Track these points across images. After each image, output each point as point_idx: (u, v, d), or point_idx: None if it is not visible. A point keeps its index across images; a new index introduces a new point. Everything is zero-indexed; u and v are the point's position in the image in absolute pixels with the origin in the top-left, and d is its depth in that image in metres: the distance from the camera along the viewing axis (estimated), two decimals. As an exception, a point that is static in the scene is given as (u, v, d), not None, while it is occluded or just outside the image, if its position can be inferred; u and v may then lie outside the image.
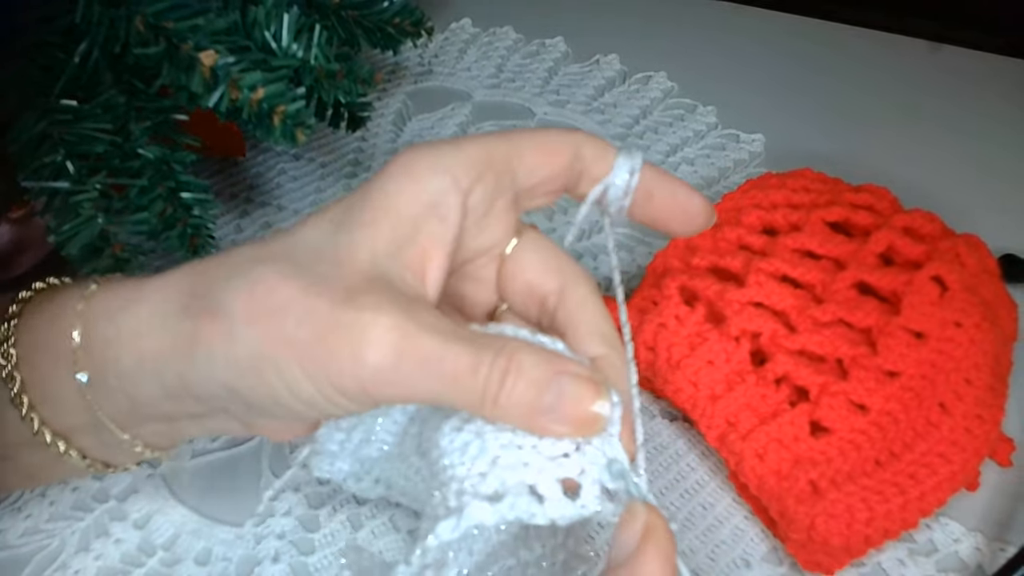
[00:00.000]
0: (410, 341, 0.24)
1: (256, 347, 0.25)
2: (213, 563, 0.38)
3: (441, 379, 0.24)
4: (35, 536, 0.38)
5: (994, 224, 0.45)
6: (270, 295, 0.25)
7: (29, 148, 0.38)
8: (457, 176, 0.27)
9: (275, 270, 0.25)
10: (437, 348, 0.24)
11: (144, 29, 0.37)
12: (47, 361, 0.29)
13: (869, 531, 0.35)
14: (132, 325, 0.27)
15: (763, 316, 0.39)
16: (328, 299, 0.25)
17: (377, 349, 0.24)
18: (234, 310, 0.25)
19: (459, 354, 0.24)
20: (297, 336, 0.25)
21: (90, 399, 0.28)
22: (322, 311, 0.24)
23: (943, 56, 0.62)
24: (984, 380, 0.37)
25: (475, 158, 0.27)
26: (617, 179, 0.29)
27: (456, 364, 0.24)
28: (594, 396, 0.24)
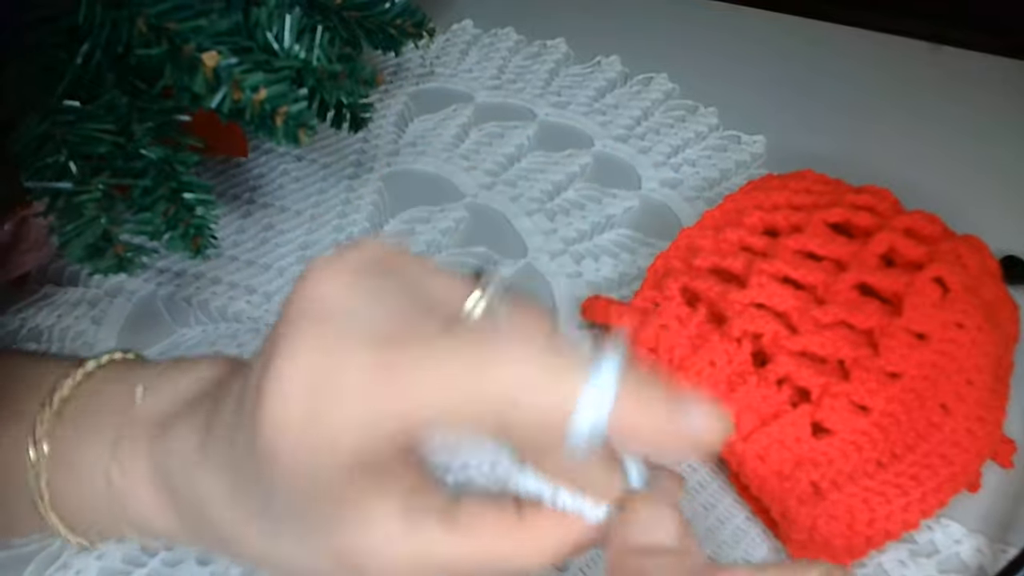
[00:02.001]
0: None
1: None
2: (215, 563, 0.38)
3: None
4: (36, 536, 0.38)
5: (995, 225, 0.45)
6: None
7: (32, 149, 0.38)
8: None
9: (260, 545, 0.25)
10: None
11: (146, 30, 0.37)
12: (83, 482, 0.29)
13: (871, 532, 0.35)
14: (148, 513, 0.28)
15: (765, 317, 0.39)
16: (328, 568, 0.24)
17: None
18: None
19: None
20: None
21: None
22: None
23: (944, 57, 0.62)
24: (986, 381, 0.37)
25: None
26: (578, 432, 0.21)
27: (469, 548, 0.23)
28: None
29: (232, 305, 0.49)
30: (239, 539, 0.25)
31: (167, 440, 0.27)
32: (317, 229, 0.53)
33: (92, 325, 0.48)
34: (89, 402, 0.30)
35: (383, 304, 0.22)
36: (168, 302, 0.49)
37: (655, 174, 0.55)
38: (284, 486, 0.22)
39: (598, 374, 0.21)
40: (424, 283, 0.23)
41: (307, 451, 0.21)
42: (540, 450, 0.23)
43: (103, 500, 0.28)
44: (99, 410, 0.29)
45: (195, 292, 0.49)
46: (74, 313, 0.48)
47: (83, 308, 0.49)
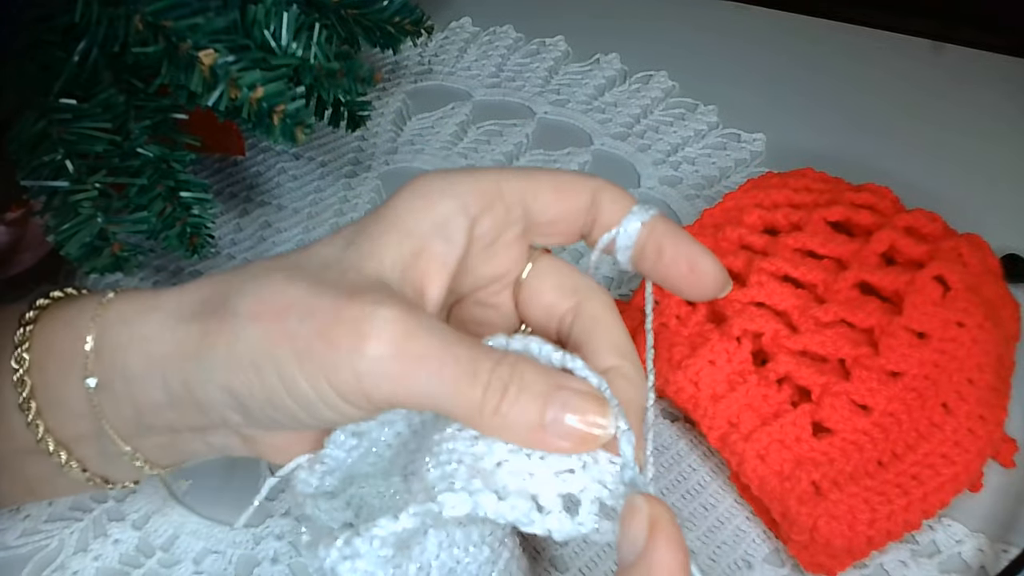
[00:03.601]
0: (410, 337, 0.24)
1: (257, 344, 0.25)
2: (212, 564, 0.37)
3: (440, 381, 0.24)
4: (34, 537, 0.38)
5: (996, 224, 0.45)
6: (276, 296, 0.25)
7: (28, 147, 0.38)
8: (467, 202, 0.28)
9: (284, 275, 0.26)
10: (437, 347, 0.24)
11: (143, 28, 0.37)
12: (58, 366, 0.29)
13: (871, 532, 0.35)
14: (144, 330, 0.28)
15: (765, 316, 0.39)
16: (332, 296, 0.25)
17: (376, 341, 0.24)
18: (240, 310, 0.26)
19: (459, 357, 0.24)
20: (298, 331, 0.25)
21: (96, 406, 0.28)
22: (324, 306, 0.25)
23: (945, 55, 0.62)
24: (987, 380, 0.37)
25: (486, 188, 0.28)
26: (625, 231, 0.29)
27: (455, 368, 0.24)
28: (597, 412, 0.24)
29: (230, 304, 0.49)
30: (251, 290, 0.26)
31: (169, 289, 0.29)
32: (315, 228, 0.53)
33: (89, 324, 0.47)
34: (52, 324, 0.30)
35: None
36: (165, 301, 0.49)
37: (654, 172, 0.55)
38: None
39: (645, 204, 0.29)
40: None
41: (425, 195, 0.28)
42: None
43: (88, 407, 0.28)
44: (75, 303, 0.30)
45: (192, 291, 0.49)
46: (71, 312, 0.48)
47: (80, 307, 0.48)
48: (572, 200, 0.29)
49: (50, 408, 0.29)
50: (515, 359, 0.25)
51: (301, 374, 0.25)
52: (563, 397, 0.24)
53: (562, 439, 0.24)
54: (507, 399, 0.24)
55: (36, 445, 0.29)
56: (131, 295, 0.29)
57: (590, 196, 0.29)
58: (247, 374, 0.25)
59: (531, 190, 0.29)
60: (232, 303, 0.26)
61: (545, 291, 0.30)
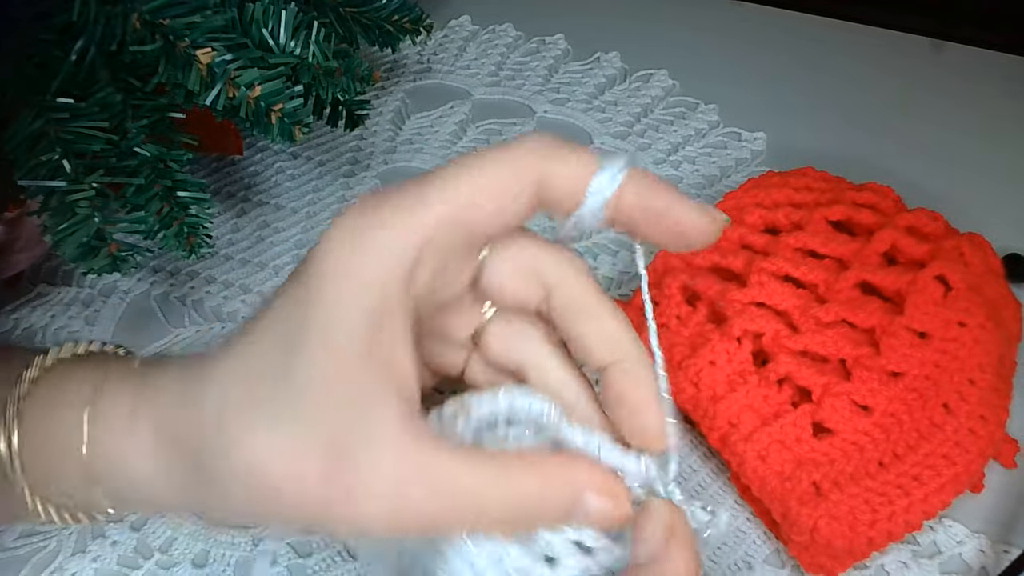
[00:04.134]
0: (405, 501, 0.23)
1: (251, 510, 0.25)
2: (210, 565, 0.37)
3: (446, 516, 0.24)
4: (32, 538, 0.38)
5: (998, 223, 0.45)
6: (261, 480, 0.23)
7: (25, 147, 0.38)
8: (393, 269, 0.24)
9: (259, 437, 0.24)
10: (438, 488, 0.23)
11: (140, 26, 0.37)
12: (57, 459, 0.28)
13: (872, 533, 0.34)
14: (136, 470, 0.26)
15: (765, 316, 0.39)
16: (316, 468, 0.23)
17: (371, 515, 0.23)
18: (229, 492, 0.24)
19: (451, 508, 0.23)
20: (293, 516, 0.24)
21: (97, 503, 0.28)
22: (312, 484, 0.23)
23: (946, 54, 0.62)
24: (988, 381, 0.37)
25: (410, 242, 0.24)
26: (589, 211, 0.25)
27: (449, 520, 0.24)
28: (615, 512, 0.24)
29: (227, 305, 0.48)
30: (231, 446, 0.23)
31: (153, 379, 0.27)
32: (313, 227, 0.52)
33: (86, 325, 0.47)
34: (62, 378, 0.29)
35: None
36: (162, 302, 0.49)
37: (655, 171, 0.54)
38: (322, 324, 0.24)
39: (611, 157, 0.25)
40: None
41: (350, 268, 0.24)
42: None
43: (78, 468, 0.27)
44: (72, 379, 0.28)
45: (190, 292, 0.49)
46: (68, 313, 0.48)
47: (77, 308, 0.48)
48: (516, 201, 0.25)
49: (45, 482, 0.28)
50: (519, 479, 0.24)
51: (307, 532, 0.26)
52: (585, 502, 0.24)
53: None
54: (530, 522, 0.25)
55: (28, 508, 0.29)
56: (110, 413, 0.27)
57: (534, 182, 0.25)
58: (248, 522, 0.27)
59: (464, 212, 0.24)
60: (218, 469, 0.24)
61: (507, 283, 0.27)
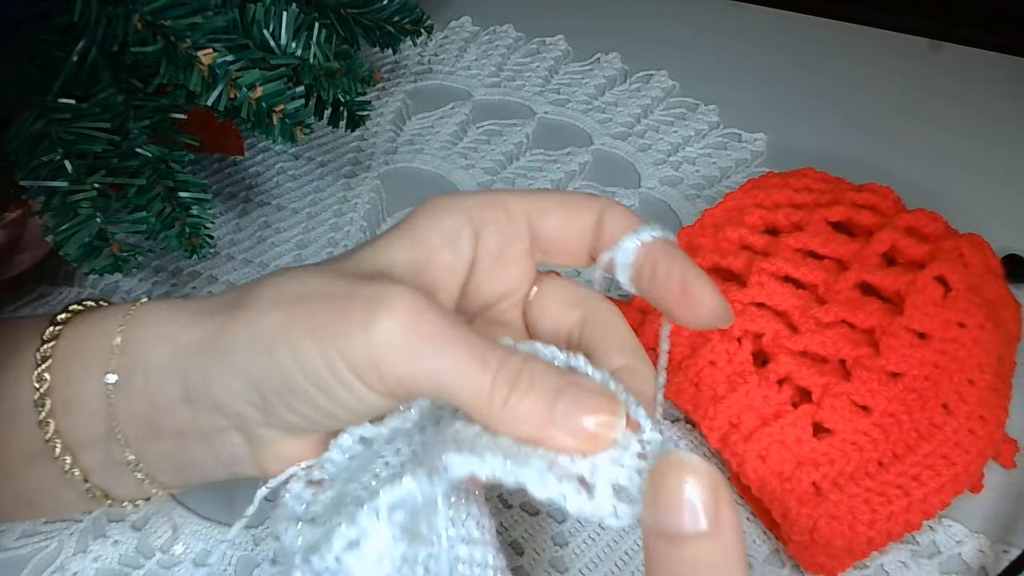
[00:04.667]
0: (421, 316, 0.25)
1: (274, 325, 0.26)
2: (212, 564, 0.37)
3: (449, 362, 0.24)
4: (33, 538, 0.38)
5: (997, 224, 0.45)
6: (296, 284, 0.27)
7: (27, 147, 0.38)
8: (472, 215, 0.29)
9: (306, 271, 0.28)
10: (448, 329, 0.25)
11: (142, 27, 0.37)
12: (81, 363, 0.29)
13: (872, 533, 0.34)
14: (170, 326, 0.29)
15: (765, 317, 0.39)
16: (349, 280, 0.26)
17: (388, 316, 0.24)
18: (262, 299, 0.27)
19: (470, 343, 0.24)
20: (314, 310, 0.26)
21: (112, 404, 0.29)
22: (341, 287, 0.26)
23: (946, 55, 0.62)
24: (987, 381, 0.37)
25: (491, 202, 0.30)
26: (624, 250, 0.28)
27: (466, 352, 0.24)
28: (607, 411, 0.24)
29: (229, 304, 0.48)
30: (263, 285, 0.27)
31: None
32: (314, 228, 0.53)
33: (88, 325, 0.47)
34: (82, 326, 0.30)
35: None
36: (165, 301, 0.49)
37: (655, 172, 0.55)
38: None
39: (649, 226, 0.28)
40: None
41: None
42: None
43: (103, 406, 0.29)
44: (98, 315, 0.31)
45: (191, 292, 0.49)
46: (70, 313, 0.48)
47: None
48: (576, 218, 0.29)
49: (64, 407, 0.29)
50: (526, 355, 0.25)
51: (315, 350, 0.25)
52: (574, 393, 0.24)
53: (570, 436, 0.24)
54: (517, 391, 0.24)
55: (43, 447, 0.29)
56: (163, 300, 0.30)
57: (595, 216, 0.29)
58: (263, 357, 0.26)
59: (536, 206, 0.30)
60: (254, 295, 0.27)
61: (551, 306, 0.31)
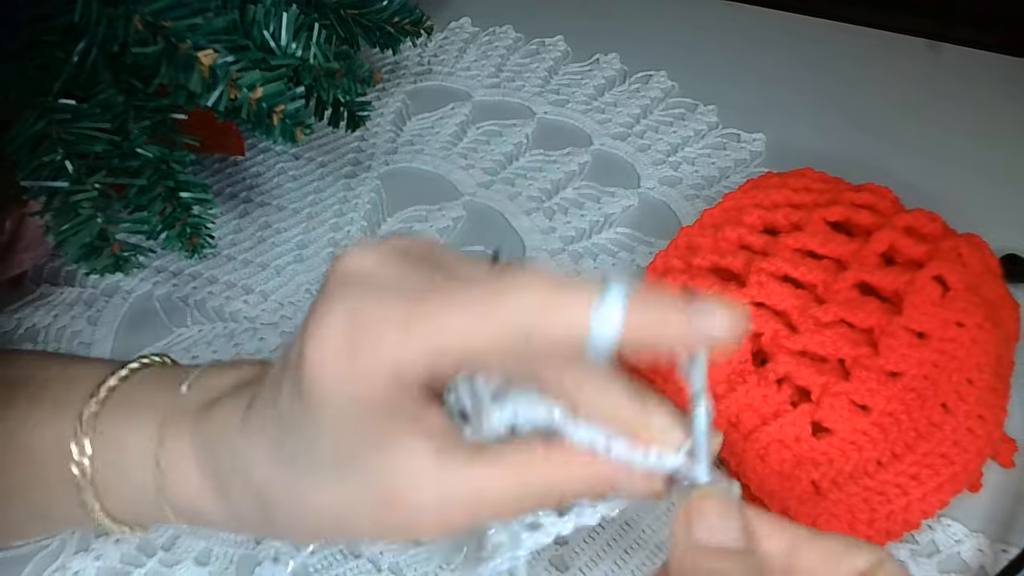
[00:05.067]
0: (448, 514, 0.25)
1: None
2: (213, 563, 0.37)
3: (481, 516, 0.25)
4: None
5: (996, 223, 0.45)
6: (317, 530, 0.28)
7: (28, 147, 0.38)
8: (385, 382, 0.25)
9: (309, 492, 0.26)
10: (471, 511, 0.25)
11: (143, 28, 0.37)
12: (123, 459, 0.29)
13: (871, 532, 0.35)
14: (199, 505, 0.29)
15: (764, 316, 0.39)
16: (368, 520, 0.26)
17: (423, 533, 0.26)
18: (286, 532, 0.28)
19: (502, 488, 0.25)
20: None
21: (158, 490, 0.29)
22: (366, 529, 0.26)
23: (944, 55, 0.62)
24: (986, 380, 0.37)
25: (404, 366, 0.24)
26: (595, 350, 0.22)
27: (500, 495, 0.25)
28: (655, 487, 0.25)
29: (229, 305, 0.49)
30: (280, 500, 0.26)
31: (211, 418, 0.28)
32: (314, 228, 0.53)
33: (88, 325, 0.47)
34: (135, 393, 0.31)
35: (411, 273, 0.24)
36: (165, 302, 0.49)
37: (654, 172, 0.55)
38: (327, 427, 0.24)
39: (608, 289, 0.22)
40: (448, 263, 0.25)
41: (346, 386, 0.23)
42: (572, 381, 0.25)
43: (149, 486, 0.29)
44: (144, 400, 0.30)
45: (192, 292, 0.49)
46: (70, 313, 0.48)
47: (80, 308, 0.48)
48: (503, 357, 0.23)
49: (107, 490, 0.30)
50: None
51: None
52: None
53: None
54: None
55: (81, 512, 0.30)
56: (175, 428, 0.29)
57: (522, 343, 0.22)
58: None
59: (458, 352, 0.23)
60: (275, 520, 0.27)
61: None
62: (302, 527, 0.27)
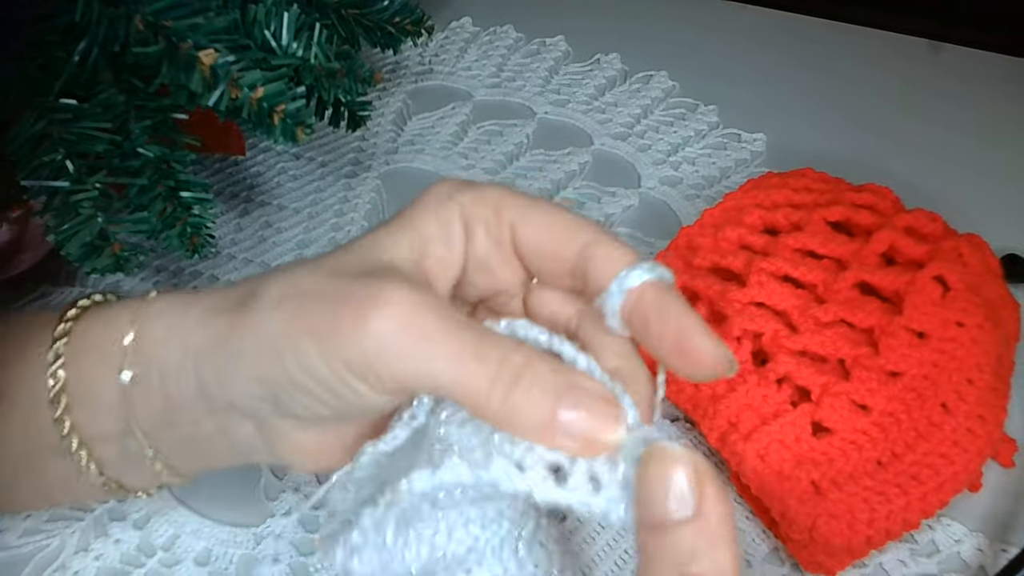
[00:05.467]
0: (415, 316, 0.24)
1: (278, 329, 0.26)
2: (213, 563, 0.37)
3: (446, 362, 0.24)
4: (35, 536, 0.38)
5: (996, 224, 0.45)
6: (299, 283, 0.27)
7: (28, 147, 0.38)
8: (464, 211, 0.28)
9: (307, 267, 0.27)
10: (442, 328, 0.24)
11: (143, 28, 0.37)
12: (94, 361, 0.29)
13: (871, 532, 0.35)
14: (181, 324, 0.28)
15: (765, 316, 0.39)
16: (347, 278, 0.26)
17: (381, 317, 0.24)
18: (265, 300, 0.27)
19: (465, 341, 0.24)
20: (313, 311, 0.25)
21: (127, 400, 0.29)
22: (338, 286, 0.26)
23: (945, 55, 0.62)
24: (986, 380, 0.37)
25: (484, 199, 0.28)
26: (611, 297, 0.26)
27: (462, 351, 0.24)
28: (613, 420, 0.24)
29: (230, 304, 0.48)
30: (267, 282, 0.27)
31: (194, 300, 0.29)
32: (315, 228, 0.53)
33: (89, 324, 0.47)
34: (93, 323, 0.30)
35: None
36: (166, 301, 0.49)
37: (655, 172, 0.55)
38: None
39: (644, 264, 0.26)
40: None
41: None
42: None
43: (118, 403, 0.29)
44: (108, 312, 0.31)
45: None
46: (71, 312, 0.48)
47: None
48: (558, 240, 0.28)
49: (79, 403, 0.29)
50: (527, 351, 0.24)
51: (318, 355, 0.25)
52: (576, 396, 0.24)
53: (570, 439, 0.23)
54: (518, 390, 0.23)
55: (59, 443, 0.30)
56: (172, 294, 0.30)
57: (580, 245, 0.27)
58: (271, 359, 0.26)
59: (524, 215, 0.28)
60: (259, 294, 0.27)
61: (551, 299, 0.30)
62: (275, 303, 0.27)
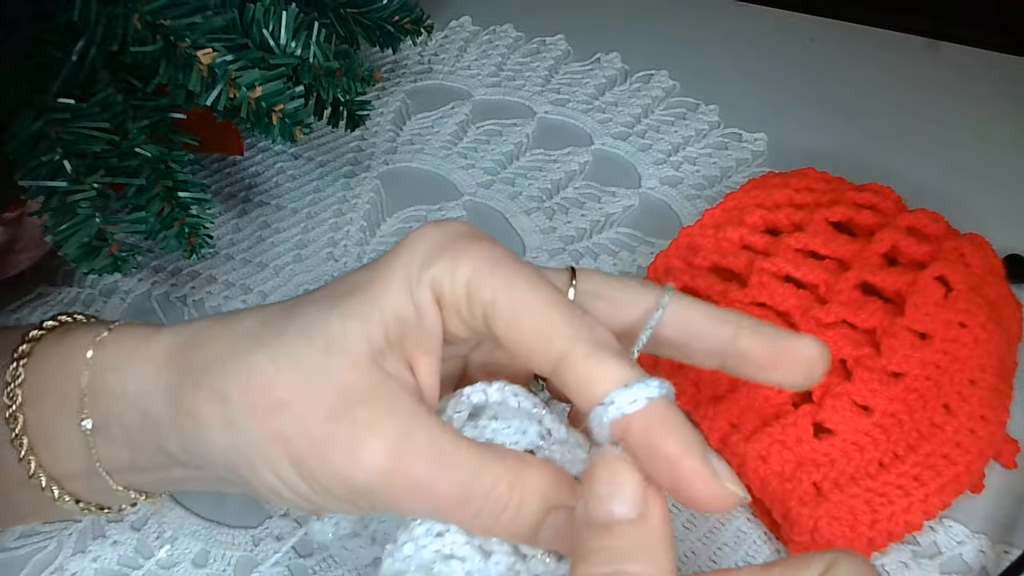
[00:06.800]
0: (402, 464, 0.24)
1: (253, 440, 0.25)
2: (211, 565, 0.37)
3: (431, 505, 0.24)
4: (32, 538, 0.38)
5: (999, 224, 0.45)
6: (266, 390, 0.25)
7: (26, 147, 0.38)
8: (436, 289, 0.25)
9: (270, 359, 0.25)
10: (429, 474, 0.24)
11: (141, 27, 0.37)
12: (53, 404, 0.29)
13: (872, 533, 0.34)
14: (137, 385, 0.28)
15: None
16: (323, 406, 0.24)
17: (367, 468, 0.24)
18: (230, 398, 0.25)
19: (450, 484, 0.24)
20: (292, 437, 0.25)
21: (92, 447, 0.29)
22: (317, 418, 0.24)
23: (946, 54, 0.62)
24: (989, 381, 0.37)
25: (458, 276, 0.25)
26: (596, 422, 0.23)
27: (446, 494, 0.24)
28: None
29: (228, 304, 0.48)
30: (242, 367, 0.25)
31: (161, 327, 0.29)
32: (314, 228, 0.52)
33: (87, 325, 0.47)
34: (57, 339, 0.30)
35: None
36: (163, 302, 0.49)
37: (655, 172, 0.55)
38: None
39: (639, 385, 0.23)
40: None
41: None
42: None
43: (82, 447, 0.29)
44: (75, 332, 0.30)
45: (190, 292, 0.49)
46: (69, 313, 0.48)
47: (77, 308, 0.48)
48: (530, 345, 0.24)
49: (43, 445, 0.29)
50: (515, 477, 0.24)
51: (297, 477, 0.25)
52: (556, 521, 0.24)
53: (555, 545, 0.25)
54: (499, 524, 0.24)
55: (28, 480, 0.30)
56: (123, 335, 0.29)
57: (554, 357, 0.24)
58: (246, 465, 0.26)
59: (495, 306, 0.25)
60: (219, 384, 0.26)
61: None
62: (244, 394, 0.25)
